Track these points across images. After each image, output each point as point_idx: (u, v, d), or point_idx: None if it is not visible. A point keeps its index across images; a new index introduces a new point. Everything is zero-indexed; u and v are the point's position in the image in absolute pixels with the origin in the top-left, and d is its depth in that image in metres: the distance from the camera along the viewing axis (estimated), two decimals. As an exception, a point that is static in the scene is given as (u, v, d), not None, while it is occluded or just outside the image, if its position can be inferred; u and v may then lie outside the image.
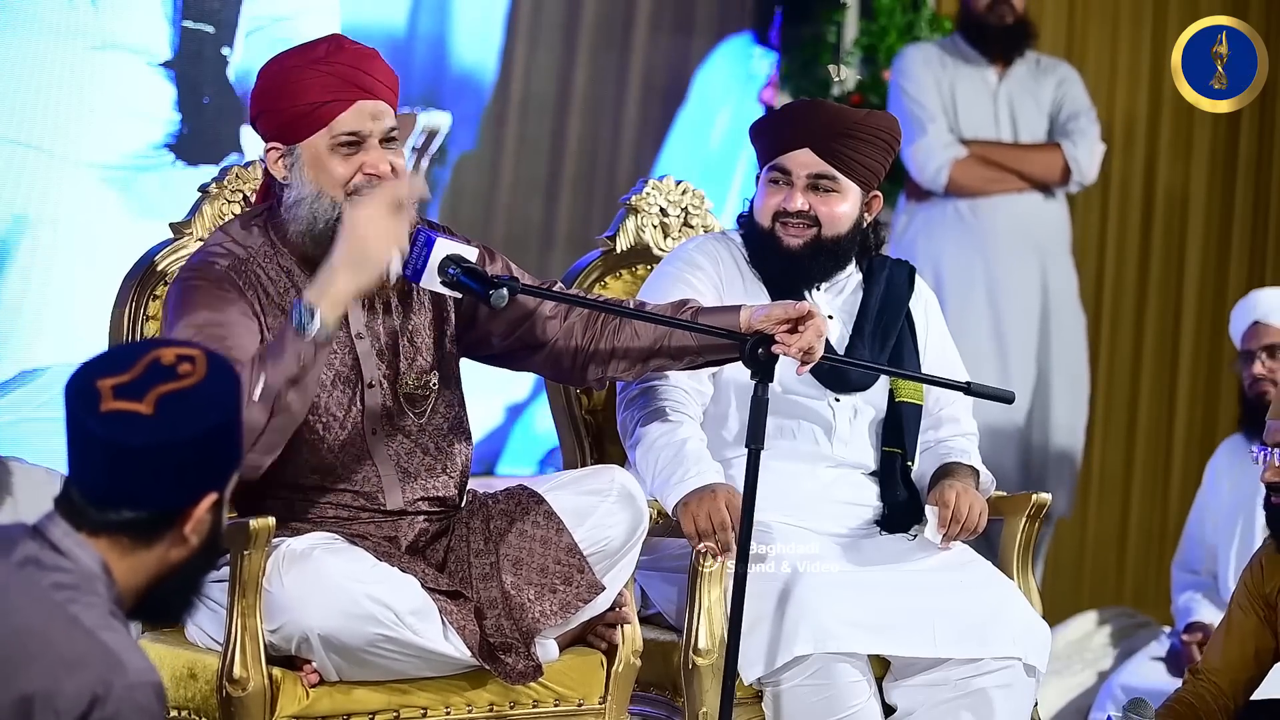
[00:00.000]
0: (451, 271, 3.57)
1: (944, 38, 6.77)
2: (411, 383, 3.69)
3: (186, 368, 2.55)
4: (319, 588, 3.44)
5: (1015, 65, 6.56)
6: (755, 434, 3.73)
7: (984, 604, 3.99)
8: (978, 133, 6.46)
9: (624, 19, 6.70)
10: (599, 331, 3.83)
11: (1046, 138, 6.55)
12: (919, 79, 6.46)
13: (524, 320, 3.81)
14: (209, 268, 3.59)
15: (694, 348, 3.84)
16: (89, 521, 2.55)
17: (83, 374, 2.55)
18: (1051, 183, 6.52)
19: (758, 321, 3.75)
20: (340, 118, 3.58)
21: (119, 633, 2.51)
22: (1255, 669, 4.05)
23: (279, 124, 3.61)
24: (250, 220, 3.68)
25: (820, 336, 3.75)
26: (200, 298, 3.53)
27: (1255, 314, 5.61)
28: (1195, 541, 5.81)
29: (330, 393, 3.63)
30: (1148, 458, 7.49)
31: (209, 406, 2.55)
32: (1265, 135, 7.35)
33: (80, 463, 2.56)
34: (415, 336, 3.72)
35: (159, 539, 2.57)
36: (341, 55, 3.61)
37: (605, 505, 3.68)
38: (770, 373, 3.75)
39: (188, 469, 2.54)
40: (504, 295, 3.57)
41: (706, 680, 3.90)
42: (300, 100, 3.58)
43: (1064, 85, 6.62)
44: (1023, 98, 6.56)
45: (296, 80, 3.59)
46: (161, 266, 3.91)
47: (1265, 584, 3.99)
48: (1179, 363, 7.46)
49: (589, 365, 3.85)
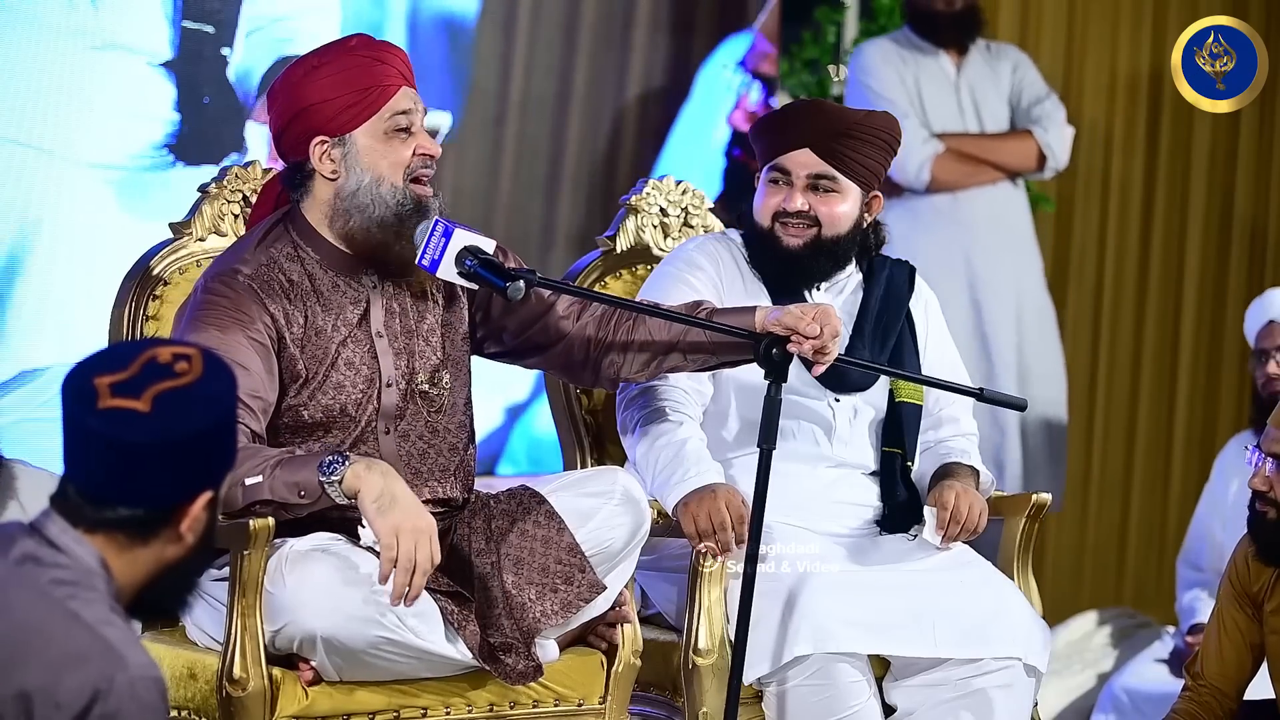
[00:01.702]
0: (469, 263, 3.58)
1: (894, 31, 6.72)
2: (425, 382, 3.70)
3: (183, 366, 2.56)
4: (321, 589, 3.45)
5: (970, 53, 6.51)
6: (767, 434, 3.74)
7: (984, 604, 3.99)
8: (945, 125, 6.41)
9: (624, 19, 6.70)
10: (613, 330, 3.84)
11: (1009, 125, 6.53)
12: (882, 75, 6.36)
13: (538, 319, 3.82)
14: (233, 278, 3.60)
15: (708, 346, 3.85)
16: (86, 518, 2.56)
17: (80, 371, 2.56)
18: (1027, 171, 6.51)
19: (772, 323, 3.75)
20: (394, 100, 3.63)
21: (119, 628, 2.52)
22: (1252, 666, 4.05)
23: (326, 116, 3.62)
24: (270, 228, 3.69)
25: (836, 338, 3.76)
26: (213, 316, 3.55)
27: (1271, 313, 5.60)
28: (1201, 538, 5.80)
29: (349, 392, 3.64)
30: (1148, 458, 7.48)
31: (205, 405, 2.55)
32: (1265, 135, 7.35)
33: (77, 460, 2.56)
34: (430, 336, 3.73)
35: (155, 536, 2.57)
36: (377, 47, 3.67)
37: (608, 508, 3.68)
38: (784, 373, 3.76)
39: (184, 467, 2.55)
40: (520, 287, 3.57)
41: (706, 680, 3.90)
42: (348, 88, 3.61)
43: (1019, 70, 6.58)
44: (983, 86, 6.50)
45: (341, 70, 3.63)
46: (161, 267, 3.92)
47: (1252, 582, 3.98)
48: (1179, 363, 7.45)
49: (602, 363, 3.85)
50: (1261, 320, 5.62)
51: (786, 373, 3.77)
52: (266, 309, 3.59)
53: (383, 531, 3.36)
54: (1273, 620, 3.95)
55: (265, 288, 3.60)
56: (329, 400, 3.63)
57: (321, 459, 3.40)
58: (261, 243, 3.67)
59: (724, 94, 6.93)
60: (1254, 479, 3.90)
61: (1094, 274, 7.46)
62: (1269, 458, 3.87)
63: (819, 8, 6.98)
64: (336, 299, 3.66)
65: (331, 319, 3.65)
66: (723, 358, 3.88)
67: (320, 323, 3.64)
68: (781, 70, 6.94)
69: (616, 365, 3.86)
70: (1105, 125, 7.41)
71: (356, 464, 3.39)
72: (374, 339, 3.67)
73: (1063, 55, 7.37)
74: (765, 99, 6.84)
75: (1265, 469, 3.87)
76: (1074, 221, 7.44)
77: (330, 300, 3.66)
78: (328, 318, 3.65)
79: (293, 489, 3.40)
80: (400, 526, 3.36)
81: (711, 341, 3.84)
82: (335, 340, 3.64)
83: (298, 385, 3.61)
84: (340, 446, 3.63)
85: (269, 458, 3.42)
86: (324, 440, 3.63)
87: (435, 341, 3.74)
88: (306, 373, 3.61)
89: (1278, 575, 3.95)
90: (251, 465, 3.39)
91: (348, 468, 3.38)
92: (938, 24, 6.45)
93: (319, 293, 3.64)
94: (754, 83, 6.88)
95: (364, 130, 3.63)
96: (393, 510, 3.37)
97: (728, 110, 6.91)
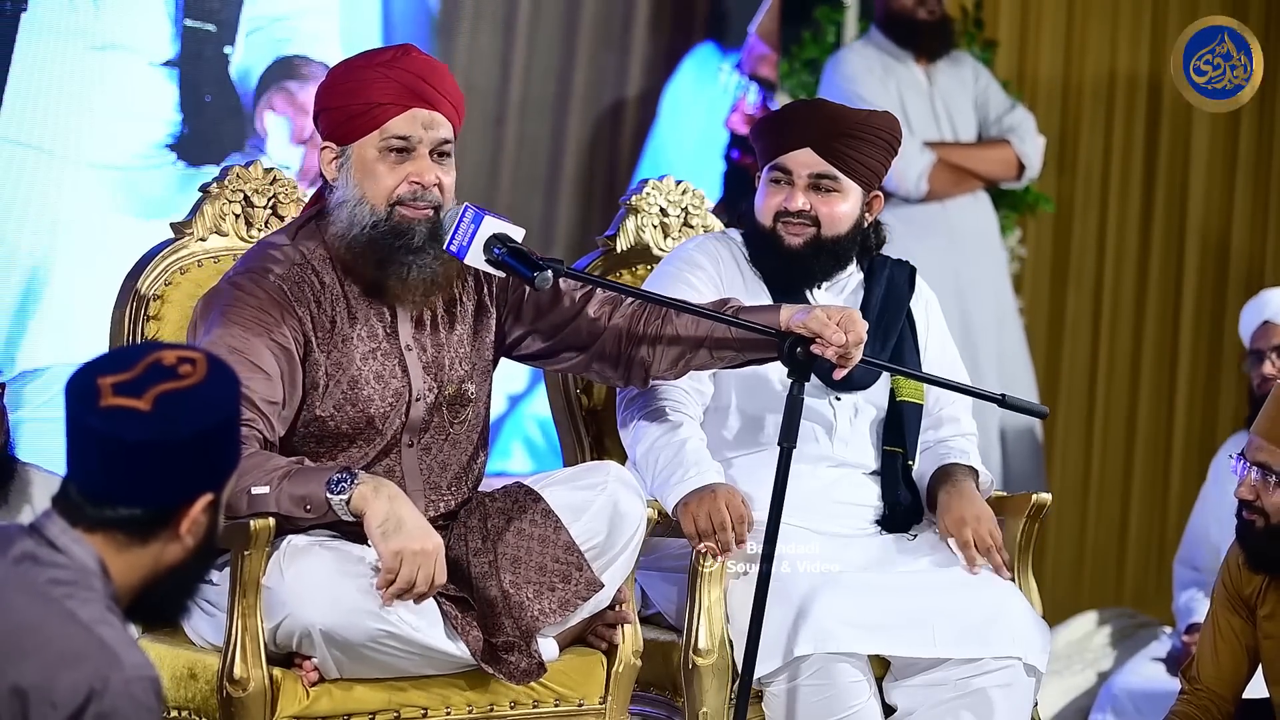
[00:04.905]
0: (497, 251, 3.56)
1: (863, 34, 6.71)
2: (452, 393, 3.69)
3: (187, 369, 2.56)
4: (320, 583, 3.45)
5: (938, 61, 6.51)
6: (788, 432, 3.74)
7: (984, 604, 3.99)
8: (924, 134, 6.43)
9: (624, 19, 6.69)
10: (644, 327, 3.83)
11: (977, 134, 6.55)
12: (868, 83, 6.34)
13: (570, 321, 3.82)
14: (263, 276, 3.58)
15: (734, 344, 3.85)
16: (85, 517, 2.56)
17: (83, 372, 2.57)
18: (1007, 179, 6.55)
19: (797, 325, 3.75)
20: (393, 121, 3.58)
21: (116, 628, 2.52)
22: (1247, 670, 4.04)
23: (334, 123, 3.61)
24: (304, 224, 3.68)
25: (860, 343, 3.75)
26: (239, 314, 3.53)
27: (1266, 313, 5.61)
28: (1199, 539, 5.80)
29: (378, 405, 3.63)
30: (1148, 458, 7.49)
31: (207, 407, 2.56)
32: (1265, 135, 7.35)
33: (78, 459, 2.57)
34: (459, 347, 3.72)
35: (154, 537, 2.58)
36: (406, 61, 3.61)
37: (601, 500, 3.68)
38: (808, 373, 3.76)
39: (183, 467, 2.55)
40: (549, 277, 3.55)
41: (707, 680, 3.90)
42: (356, 100, 3.59)
43: (981, 79, 6.60)
44: (953, 94, 6.51)
45: (358, 81, 3.60)
46: (162, 267, 3.92)
47: (1244, 586, 3.97)
48: (1179, 363, 7.46)
49: (634, 361, 3.84)
50: (1256, 321, 5.62)
51: (809, 373, 3.77)
52: (294, 312, 3.57)
53: (385, 555, 3.39)
54: (1266, 625, 3.94)
55: (295, 289, 3.59)
56: (356, 412, 3.61)
57: (330, 475, 3.40)
58: (296, 238, 3.66)
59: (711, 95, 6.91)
60: (1240, 488, 3.87)
61: (1094, 274, 7.47)
62: (1254, 466, 3.85)
63: (819, 8, 6.98)
64: (363, 308, 3.65)
65: (358, 328, 3.64)
66: (748, 355, 3.88)
67: (346, 330, 3.63)
68: (781, 71, 6.93)
69: (647, 363, 3.86)
70: (1105, 125, 7.41)
71: (364, 485, 3.39)
72: (404, 352, 3.66)
73: (1062, 55, 7.38)
74: (762, 101, 6.84)
75: (1251, 478, 3.85)
76: (1074, 221, 7.45)
77: (357, 309, 3.64)
78: (354, 327, 3.64)
79: (299, 503, 3.40)
80: (404, 551, 3.38)
81: (737, 339, 3.83)
82: (360, 350, 3.63)
83: (321, 393, 3.60)
84: (363, 458, 3.63)
85: (277, 468, 3.41)
86: (348, 452, 3.63)
87: (464, 352, 3.73)
88: (328, 380, 3.60)
89: (1270, 581, 3.94)
90: (259, 474, 3.39)
91: (355, 488, 3.39)
92: (917, 32, 6.45)
93: (348, 298, 3.63)
94: (751, 85, 6.87)
95: (361, 144, 3.60)
96: (397, 535, 3.38)
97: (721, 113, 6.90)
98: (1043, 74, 7.16)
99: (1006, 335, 6.60)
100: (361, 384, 3.62)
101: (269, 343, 3.53)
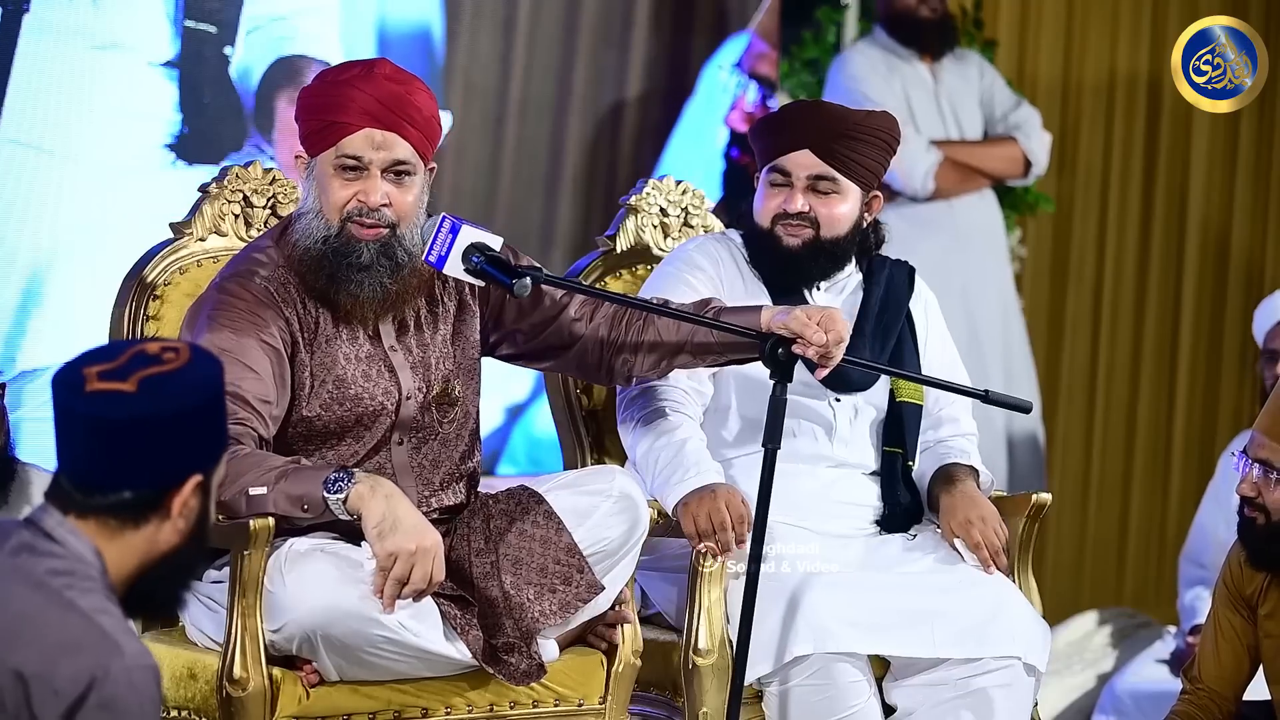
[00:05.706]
0: (475, 259, 3.58)
1: (864, 34, 6.71)
2: (439, 392, 3.70)
3: (170, 355, 2.61)
4: (321, 588, 3.45)
5: (942, 59, 6.51)
6: (772, 434, 3.74)
7: (983, 603, 3.99)
8: (930, 132, 6.43)
9: (624, 19, 6.69)
10: (625, 328, 3.85)
11: (983, 132, 6.54)
12: (873, 82, 6.34)
13: (551, 323, 3.83)
14: (250, 279, 3.61)
15: (716, 346, 3.85)
16: (76, 505, 2.59)
17: (70, 365, 2.61)
18: (1014, 177, 6.55)
19: (778, 325, 3.76)
20: (346, 140, 3.60)
21: (115, 617, 2.55)
22: (1249, 669, 4.04)
23: (304, 134, 3.65)
24: (286, 228, 3.70)
25: (841, 343, 3.76)
26: (228, 316, 3.56)
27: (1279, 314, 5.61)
28: (1205, 535, 5.79)
29: (366, 404, 3.64)
30: (1148, 458, 7.49)
31: (191, 388, 2.59)
32: (1265, 135, 7.36)
33: (67, 447, 2.60)
34: (443, 346, 3.73)
35: (146, 521, 2.60)
36: (369, 81, 3.61)
37: (605, 506, 3.69)
38: (790, 373, 3.76)
39: (170, 447, 2.58)
40: (527, 284, 3.57)
41: (707, 680, 3.90)
42: (319, 115, 3.61)
43: (987, 77, 6.60)
44: (959, 92, 6.51)
45: (323, 96, 3.63)
46: (161, 267, 3.92)
47: (1245, 585, 3.97)
48: (1178, 363, 7.46)
49: (615, 363, 3.86)
50: (1271, 320, 5.61)
51: (792, 373, 3.77)
52: (281, 314, 3.59)
53: (382, 555, 3.39)
54: (1267, 624, 3.94)
55: (281, 290, 3.61)
56: (344, 411, 3.63)
57: (326, 475, 3.41)
58: (281, 239, 3.67)
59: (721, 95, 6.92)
60: (1241, 485, 3.88)
61: (1094, 274, 7.47)
62: (1255, 463, 3.85)
63: (819, 8, 6.98)
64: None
65: (342, 330, 3.65)
66: (730, 356, 3.89)
67: (330, 331, 3.64)
68: (781, 70, 6.93)
69: (629, 364, 3.87)
70: (1105, 125, 7.41)
71: (361, 484, 3.40)
72: (389, 353, 3.67)
73: (1062, 55, 7.38)
74: (762, 100, 6.84)
75: (1252, 475, 3.86)
76: (1074, 221, 7.44)
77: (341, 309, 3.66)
78: (338, 328, 3.65)
79: (296, 502, 3.41)
80: (400, 550, 3.38)
81: (719, 342, 3.84)
82: (344, 351, 3.65)
83: (307, 393, 3.61)
84: (354, 455, 3.64)
85: (273, 468, 3.42)
86: (337, 449, 3.64)
87: (447, 351, 3.74)
88: (314, 381, 3.62)
89: (1271, 579, 3.94)
90: (256, 475, 3.40)
91: (352, 488, 3.39)
92: (920, 30, 6.45)
93: (333, 302, 3.65)
94: (750, 84, 6.87)
95: (322, 158, 3.62)
96: (394, 534, 3.38)
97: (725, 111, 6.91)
98: (1042, 74, 7.16)
99: (1011, 334, 6.59)
100: (348, 383, 3.63)
101: (259, 342, 3.55)
